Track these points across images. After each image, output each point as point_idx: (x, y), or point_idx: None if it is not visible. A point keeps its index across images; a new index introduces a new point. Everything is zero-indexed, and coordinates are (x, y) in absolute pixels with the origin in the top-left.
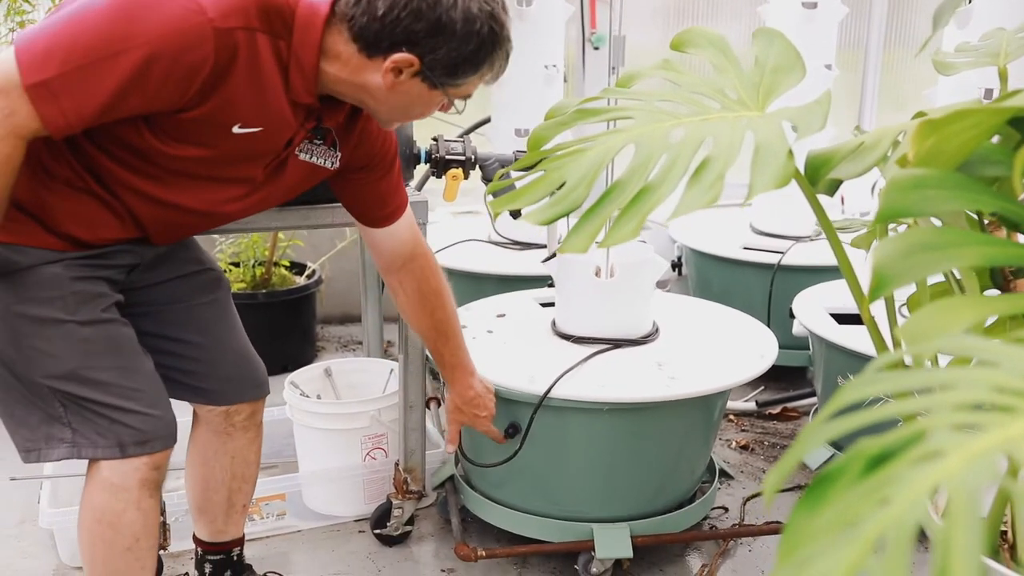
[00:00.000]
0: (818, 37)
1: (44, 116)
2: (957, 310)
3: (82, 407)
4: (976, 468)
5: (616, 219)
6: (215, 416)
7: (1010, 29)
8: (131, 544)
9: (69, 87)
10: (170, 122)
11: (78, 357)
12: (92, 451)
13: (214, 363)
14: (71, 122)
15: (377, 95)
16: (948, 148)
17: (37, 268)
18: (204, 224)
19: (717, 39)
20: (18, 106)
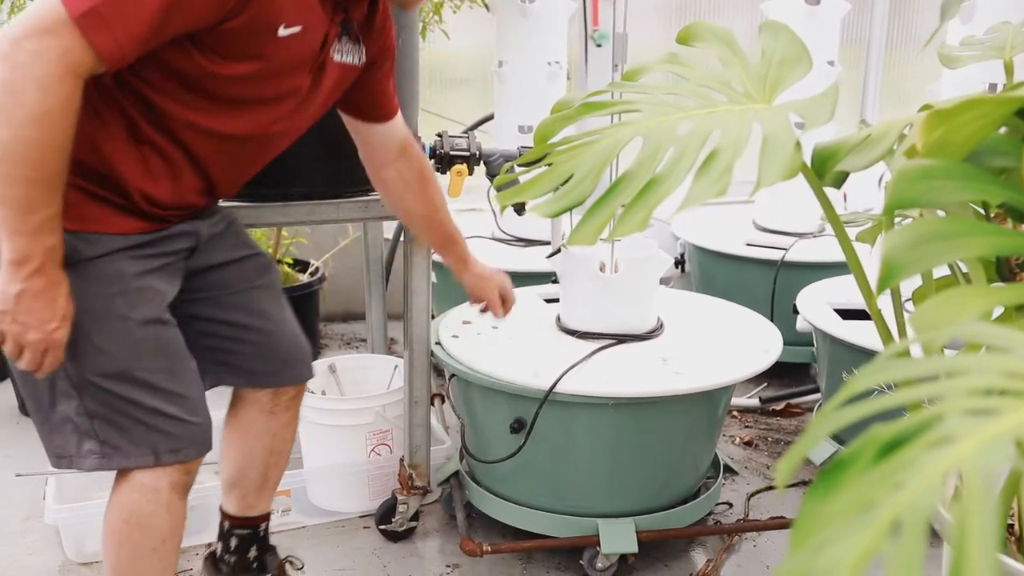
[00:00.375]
0: (821, 34)
1: (99, 46)
2: (966, 299)
3: (119, 412)
4: (990, 452)
5: (624, 211)
6: (263, 396)
7: (1015, 23)
8: (157, 545)
9: (117, 10)
10: (216, 37)
11: (132, 357)
12: (123, 461)
13: (270, 346)
14: (125, 49)
15: None
16: (956, 139)
17: (102, 260)
18: (259, 154)
19: (723, 33)
20: (70, 42)
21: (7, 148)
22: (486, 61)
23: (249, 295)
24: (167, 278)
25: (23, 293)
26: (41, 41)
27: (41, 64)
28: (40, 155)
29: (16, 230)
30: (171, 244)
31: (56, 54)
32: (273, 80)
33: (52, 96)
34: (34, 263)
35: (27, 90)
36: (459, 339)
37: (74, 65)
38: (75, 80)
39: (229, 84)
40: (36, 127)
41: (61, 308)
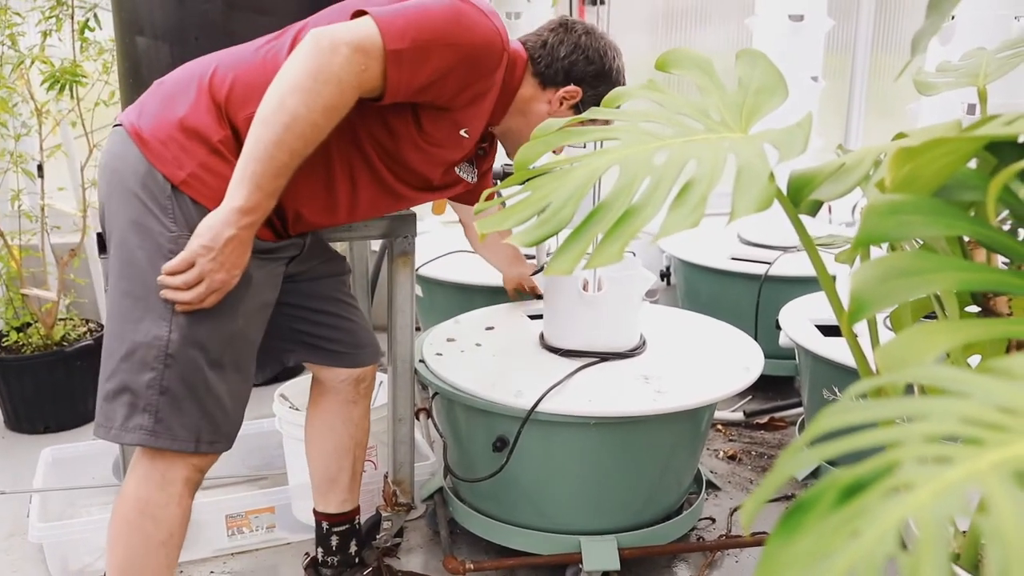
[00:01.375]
0: (805, 49)
1: (391, 78)
2: (933, 336)
3: (193, 392)
4: (944, 501)
5: (601, 241)
6: (346, 385)
7: (990, 49)
8: (166, 539)
9: (412, 60)
10: (432, 115)
11: (230, 341)
12: (168, 442)
13: (349, 330)
14: (402, 89)
15: (533, 119)
16: (925, 174)
17: None
18: (385, 208)
19: (702, 60)
20: (373, 66)
21: (297, 121)
22: None
23: (333, 288)
24: (271, 282)
25: (234, 238)
26: (356, 54)
27: (349, 71)
28: (313, 136)
29: (259, 185)
30: (283, 252)
31: (361, 68)
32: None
33: (344, 97)
34: (255, 216)
35: (331, 83)
36: (443, 357)
37: (364, 83)
38: (357, 93)
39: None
40: (324, 114)
41: (246, 261)
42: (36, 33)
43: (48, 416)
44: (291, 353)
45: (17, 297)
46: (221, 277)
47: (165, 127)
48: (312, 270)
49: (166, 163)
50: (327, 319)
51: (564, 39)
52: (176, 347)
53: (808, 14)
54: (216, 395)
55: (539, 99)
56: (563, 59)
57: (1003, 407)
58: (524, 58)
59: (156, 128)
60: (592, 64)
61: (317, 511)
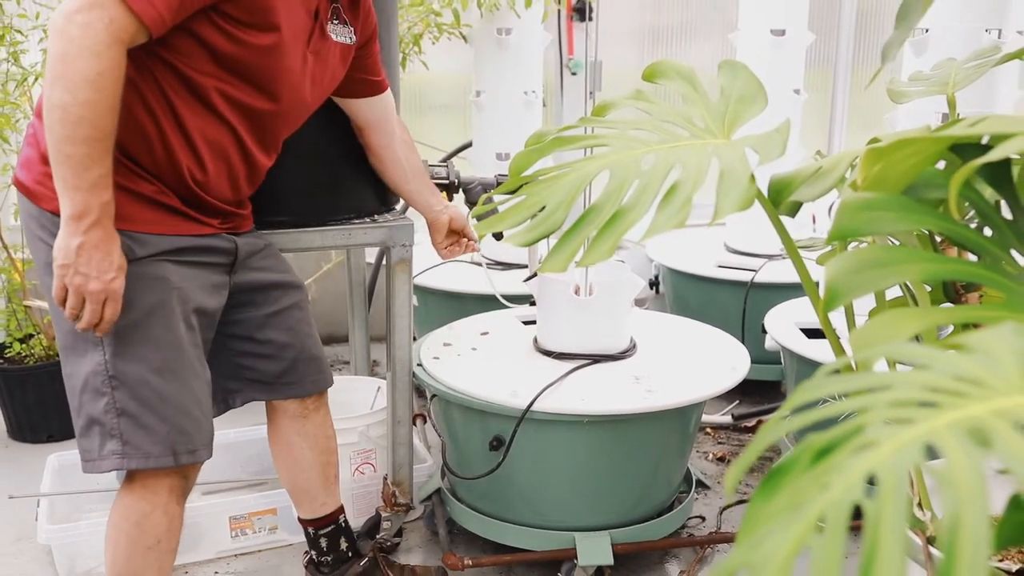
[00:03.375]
0: (787, 63)
1: (140, 12)
2: (901, 321)
3: (149, 409)
4: (903, 455)
5: (592, 241)
6: (291, 404)
7: (959, 59)
8: (152, 544)
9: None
10: (237, 5)
11: (171, 352)
12: (142, 461)
13: (297, 359)
14: (162, 12)
15: None
16: (894, 173)
17: (150, 261)
18: (283, 127)
19: (686, 71)
20: (114, 11)
21: (67, 111)
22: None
23: (285, 315)
24: (206, 290)
25: (83, 245)
26: (90, 14)
27: (91, 34)
28: (96, 115)
29: (75, 186)
30: (210, 255)
31: (103, 24)
32: (287, 53)
33: (103, 60)
34: (92, 216)
35: (81, 57)
36: (440, 360)
37: (120, 32)
38: (121, 46)
39: (254, 55)
40: (91, 89)
41: (117, 259)
42: (38, 51)
43: (50, 425)
44: (236, 393)
45: (20, 309)
46: (95, 287)
47: (35, 166)
48: (266, 297)
49: (46, 199)
50: (275, 351)
51: None
52: (115, 367)
53: (790, 29)
54: (175, 404)
55: None
56: None
57: (959, 376)
58: None
59: (29, 171)
60: None
61: (300, 518)
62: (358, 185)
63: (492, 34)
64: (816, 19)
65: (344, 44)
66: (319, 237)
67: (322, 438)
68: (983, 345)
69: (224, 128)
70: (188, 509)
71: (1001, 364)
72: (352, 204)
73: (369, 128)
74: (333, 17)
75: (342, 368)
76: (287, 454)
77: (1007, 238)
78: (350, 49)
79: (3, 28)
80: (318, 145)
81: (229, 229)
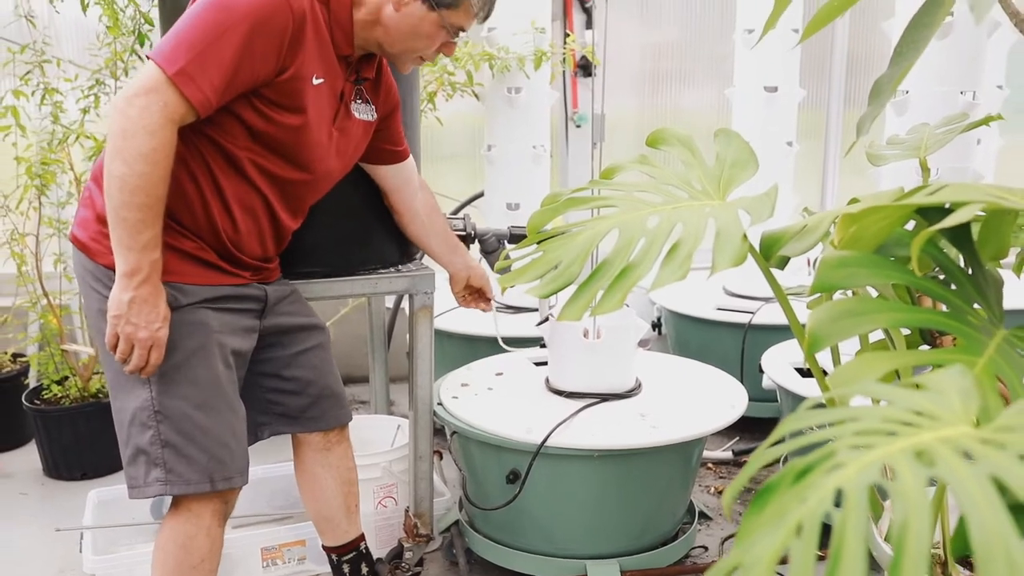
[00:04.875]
0: (779, 117)
1: (191, 96)
2: (873, 363)
3: (190, 441)
4: (865, 474)
5: (604, 293)
6: (315, 438)
7: (932, 124)
8: (197, 564)
9: (199, 68)
10: (274, 89)
11: (211, 389)
12: (183, 487)
13: (320, 395)
14: (209, 96)
15: (390, 25)
16: (866, 235)
17: (192, 308)
18: (310, 194)
19: (685, 138)
20: (168, 96)
21: (124, 180)
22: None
23: (309, 354)
24: (239, 334)
25: (134, 299)
26: (148, 97)
27: (148, 115)
28: (149, 185)
29: (129, 247)
30: (243, 302)
31: (159, 107)
32: (313, 131)
33: (157, 139)
34: (143, 273)
35: (138, 135)
36: (459, 399)
37: (173, 114)
38: (173, 127)
39: (284, 132)
40: (146, 163)
41: (163, 311)
42: (76, 110)
43: (84, 463)
44: (265, 426)
45: (58, 353)
46: (144, 335)
47: (91, 225)
48: (292, 339)
49: (100, 254)
50: (300, 387)
51: None
52: (160, 403)
53: (781, 86)
54: (214, 436)
55: (383, 4)
56: None
57: (914, 410)
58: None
59: (85, 230)
60: None
61: (324, 546)
62: (383, 238)
63: (503, 93)
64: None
65: (366, 121)
66: (348, 286)
67: (344, 470)
68: (935, 384)
69: (256, 194)
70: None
71: (949, 400)
72: (377, 256)
73: (391, 192)
74: (357, 97)
75: (359, 407)
76: (312, 485)
77: (967, 291)
78: (372, 124)
79: (46, 89)
80: (347, 203)
81: (260, 279)
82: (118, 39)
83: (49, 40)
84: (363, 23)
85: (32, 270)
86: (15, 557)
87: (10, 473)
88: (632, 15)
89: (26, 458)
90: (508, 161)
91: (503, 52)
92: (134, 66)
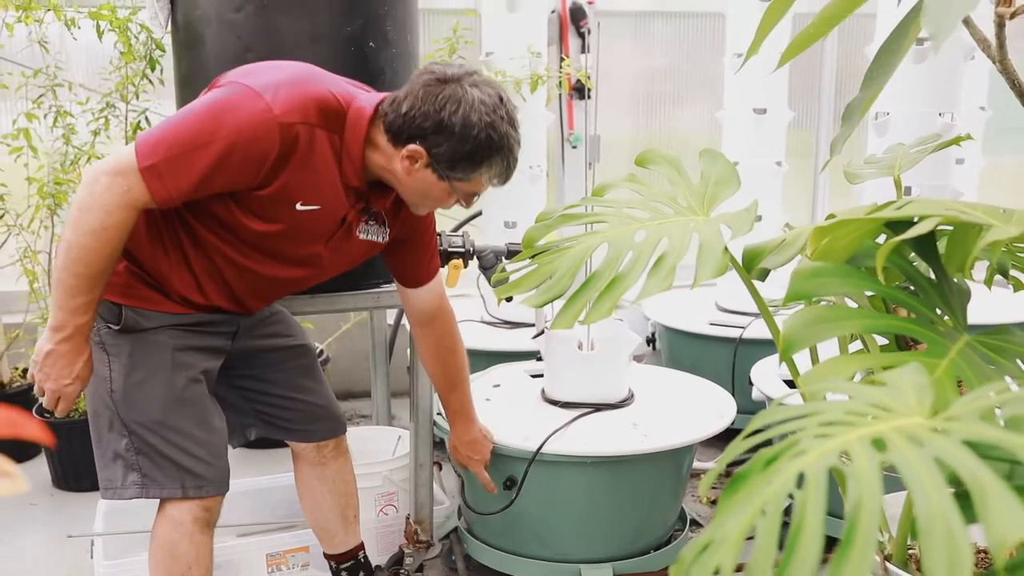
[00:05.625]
0: (768, 138)
1: (152, 190)
2: (842, 364)
3: (158, 452)
4: (824, 459)
5: (594, 302)
6: (309, 452)
7: (907, 144)
8: (184, 571)
9: (170, 169)
10: (250, 199)
11: (169, 409)
12: (158, 491)
13: (304, 412)
14: (172, 195)
15: (402, 180)
16: (837, 247)
17: (153, 332)
18: (283, 289)
19: (671, 158)
20: (134, 184)
21: (70, 248)
22: None
23: (290, 373)
24: (204, 354)
25: (52, 352)
26: (115, 179)
27: (109, 195)
28: (90, 259)
29: (60, 306)
30: (211, 327)
31: (122, 190)
32: (293, 243)
33: (111, 219)
34: (65, 332)
35: (94, 210)
36: None
37: (132, 200)
38: (131, 211)
39: (257, 237)
40: (93, 238)
41: (77, 370)
42: (87, 131)
43: (93, 475)
44: (252, 427)
45: None
46: (51, 387)
47: None
48: (270, 358)
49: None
50: (282, 402)
51: (410, 90)
52: (126, 416)
53: (770, 107)
54: (181, 449)
55: (394, 158)
56: (404, 114)
57: (873, 403)
58: (367, 115)
59: None
60: (428, 119)
61: (325, 554)
62: None
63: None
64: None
65: (372, 241)
66: (352, 300)
67: (340, 483)
68: (894, 380)
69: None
70: (230, 548)
71: (904, 394)
72: (380, 271)
73: (409, 316)
74: (369, 220)
75: (360, 421)
76: (309, 497)
77: (933, 299)
78: (379, 246)
79: (58, 112)
80: None
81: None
82: (129, 64)
83: (61, 64)
84: (380, 167)
85: (44, 287)
86: (26, 564)
87: None
88: (626, 40)
89: (36, 470)
90: None
91: (500, 76)
92: (144, 89)
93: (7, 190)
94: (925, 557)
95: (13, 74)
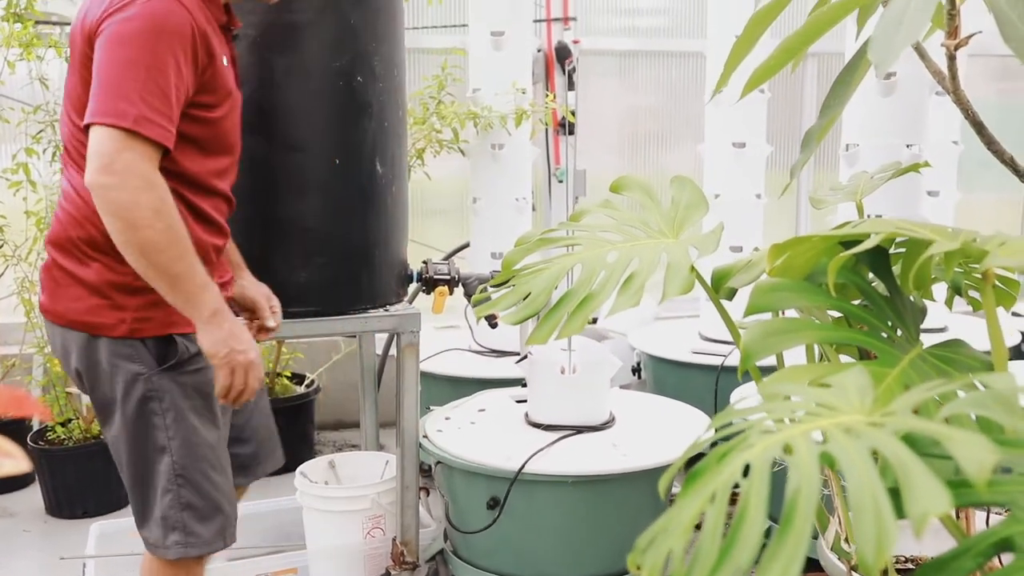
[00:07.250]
0: (748, 171)
1: (158, 138)
2: (799, 372)
3: (208, 499)
4: (769, 451)
5: (568, 318)
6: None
7: (870, 171)
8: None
9: (150, 107)
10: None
11: (221, 448)
12: (203, 548)
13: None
14: (170, 129)
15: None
16: (796, 264)
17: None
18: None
19: (644, 185)
20: (140, 147)
21: (156, 243)
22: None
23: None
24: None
25: (232, 331)
26: (122, 159)
27: (136, 174)
28: (176, 229)
29: (195, 294)
30: None
31: (139, 160)
32: (233, 110)
33: (157, 189)
34: (219, 306)
35: (139, 196)
36: (443, 432)
37: (151, 159)
38: (157, 171)
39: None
40: (160, 217)
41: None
42: None
43: (86, 502)
44: None
45: (62, 396)
46: (254, 355)
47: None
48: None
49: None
50: (250, 433)
51: None
52: (183, 468)
53: (749, 141)
54: (225, 493)
55: None
56: None
57: (819, 403)
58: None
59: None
60: None
61: None
62: (372, 280)
63: (487, 148)
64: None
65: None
66: (340, 324)
67: None
68: (839, 382)
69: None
70: (220, 570)
71: (847, 394)
72: (367, 296)
73: None
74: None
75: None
76: None
77: (887, 314)
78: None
79: (57, 147)
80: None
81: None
82: None
83: (60, 101)
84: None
85: (38, 316)
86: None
87: (13, 512)
88: (611, 78)
89: (29, 498)
90: (492, 212)
91: (486, 111)
92: None
93: (6, 222)
94: (857, 532)
95: (15, 109)
